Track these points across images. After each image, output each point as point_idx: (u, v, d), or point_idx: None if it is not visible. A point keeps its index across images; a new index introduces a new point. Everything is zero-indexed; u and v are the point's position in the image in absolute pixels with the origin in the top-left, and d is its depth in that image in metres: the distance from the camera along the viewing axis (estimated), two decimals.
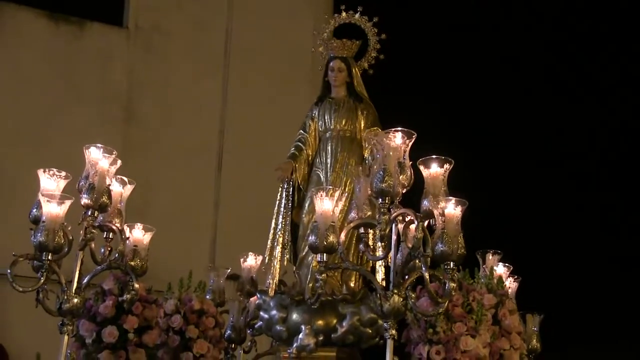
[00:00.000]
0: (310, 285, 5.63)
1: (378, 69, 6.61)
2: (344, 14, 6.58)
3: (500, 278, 6.05)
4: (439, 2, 12.14)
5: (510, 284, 6.22)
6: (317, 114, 6.54)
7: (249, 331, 6.35)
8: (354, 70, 6.53)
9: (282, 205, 6.37)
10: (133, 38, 11.22)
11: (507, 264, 6.25)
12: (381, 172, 4.93)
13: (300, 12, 11.33)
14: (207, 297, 6.56)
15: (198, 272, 6.75)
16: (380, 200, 4.95)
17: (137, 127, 10.76)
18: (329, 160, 6.36)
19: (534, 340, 6.21)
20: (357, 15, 6.56)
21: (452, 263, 4.99)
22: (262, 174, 6.85)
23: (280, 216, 6.35)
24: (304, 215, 6.31)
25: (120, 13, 11.34)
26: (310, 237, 5.02)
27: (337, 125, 6.43)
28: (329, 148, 6.40)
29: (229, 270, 6.71)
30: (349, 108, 6.45)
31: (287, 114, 7.40)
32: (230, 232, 10.51)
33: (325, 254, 4.94)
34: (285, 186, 6.40)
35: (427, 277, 4.97)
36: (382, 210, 4.93)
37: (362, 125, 6.41)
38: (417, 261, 4.96)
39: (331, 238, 4.92)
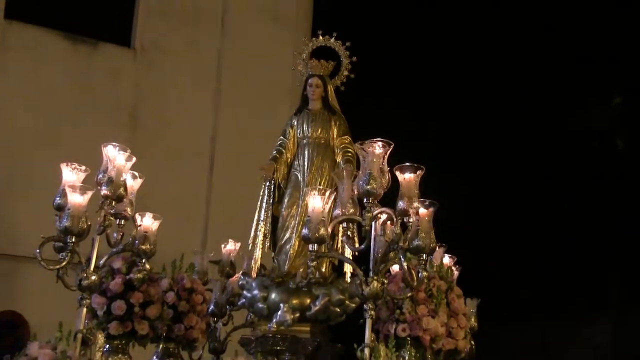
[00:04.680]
0: (302, 270, 5.78)
1: (349, 85, 6.54)
2: (320, 37, 6.50)
3: (449, 267, 6.07)
4: (407, 19, 12.12)
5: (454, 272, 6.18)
6: (296, 122, 6.44)
7: (228, 307, 6.33)
8: (328, 87, 6.44)
9: (265, 201, 6.27)
10: (139, 57, 11.12)
11: (451, 255, 6.23)
12: (366, 176, 4.96)
13: (282, 36, 11.30)
14: (194, 277, 6.50)
15: (190, 257, 6.68)
16: (365, 199, 4.98)
17: (141, 132, 10.69)
18: (305, 163, 6.25)
19: (473, 320, 6.15)
20: (332, 40, 6.48)
21: (424, 255, 4.99)
22: (248, 174, 6.77)
23: (263, 210, 6.24)
24: (283, 210, 6.20)
25: (128, 36, 11.23)
26: (303, 230, 5.00)
27: (313, 133, 6.32)
28: (306, 153, 6.29)
29: (212, 255, 6.68)
30: (324, 119, 6.36)
31: (270, 123, 7.34)
32: (219, 224, 10.43)
33: (316, 244, 4.94)
34: (267, 184, 6.30)
35: (406, 266, 5.05)
36: (367, 208, 4.96)
37: (335, 133, 6.31)
38: (391, 253, 5.00)
39: (322, 231, 4.93)
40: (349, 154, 6.11)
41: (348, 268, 5.84)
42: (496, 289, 8.98)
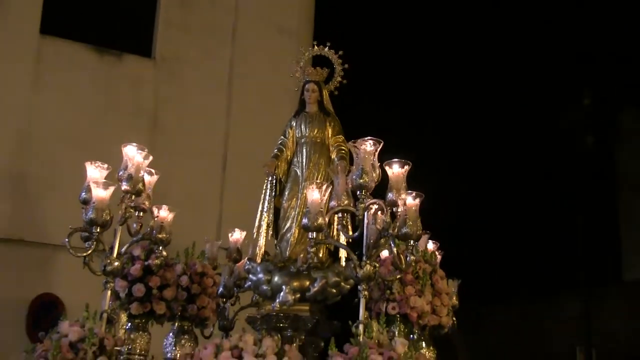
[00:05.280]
0: (302, 255, 5.80)
1: (351, 86, 6.63)
2: (316, 47, 6.59)
3: (433, 252, 6.22)
4: (404, 19, 12.09)
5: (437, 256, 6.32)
6: (294, 124, 6.54)
7: (235, 289, 6.42)
8: (323, 91, 6.55)
9: (267, 194, 6.36)
10: (159, 66, 11.24)
11: (435, 241, 6.35)
12: (359, 171, 5.11)
13: (287, 45, 11.39)
14: (204, 262, 6.62)
15: (202, 245, 6.79)
16: (358, 192, 5.12)
17: (161, 134, 10.82)
18: (304, 160, 6.35)
19: (454, 299, 6.27)
20: (326, 49, 6.57)
21: (412, 241, 5.14)
22: (257, 171, 6.84)
23: (266, 202, 6.34)
24: (284, 202, 6.30)
25: (149, 47, 11.35)
26: (303, 220, 5.16)
27: (310, 133, 6.42)
28: (304, 150, 6.39)
29: (220, 243, 6.79)
30: (320, 120, 6.45)
31: (275, 125, 7.41)
32: (231, 216, 10.35)
33: (315, 232, 5.10)
34: (270, 179, 6.40)
35: (395, 251, 5.18)
36: (360, 200, 5.09)
37: (330, 133, 6.41)
38: (382, 239, 5.13)
39: (320, 220, 5.08)
40: (343, 152, 6.20)
41: (343, 253, 5.95)
42: (476, 271, 9.08)
